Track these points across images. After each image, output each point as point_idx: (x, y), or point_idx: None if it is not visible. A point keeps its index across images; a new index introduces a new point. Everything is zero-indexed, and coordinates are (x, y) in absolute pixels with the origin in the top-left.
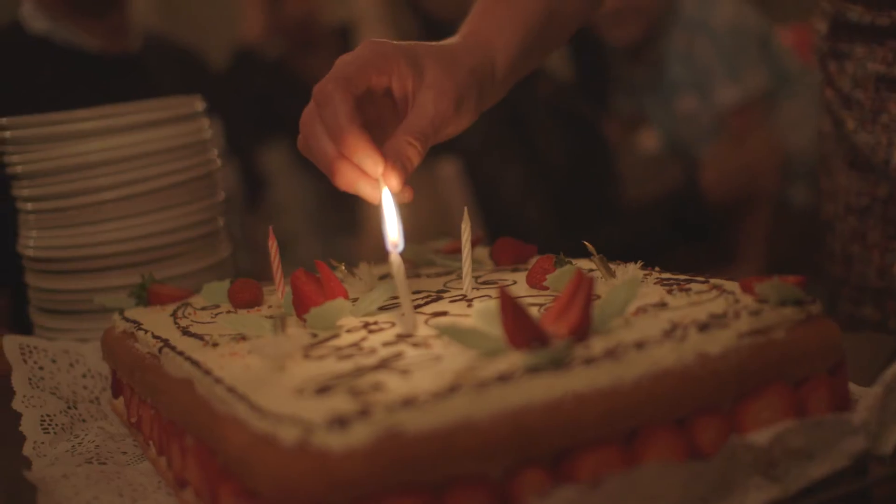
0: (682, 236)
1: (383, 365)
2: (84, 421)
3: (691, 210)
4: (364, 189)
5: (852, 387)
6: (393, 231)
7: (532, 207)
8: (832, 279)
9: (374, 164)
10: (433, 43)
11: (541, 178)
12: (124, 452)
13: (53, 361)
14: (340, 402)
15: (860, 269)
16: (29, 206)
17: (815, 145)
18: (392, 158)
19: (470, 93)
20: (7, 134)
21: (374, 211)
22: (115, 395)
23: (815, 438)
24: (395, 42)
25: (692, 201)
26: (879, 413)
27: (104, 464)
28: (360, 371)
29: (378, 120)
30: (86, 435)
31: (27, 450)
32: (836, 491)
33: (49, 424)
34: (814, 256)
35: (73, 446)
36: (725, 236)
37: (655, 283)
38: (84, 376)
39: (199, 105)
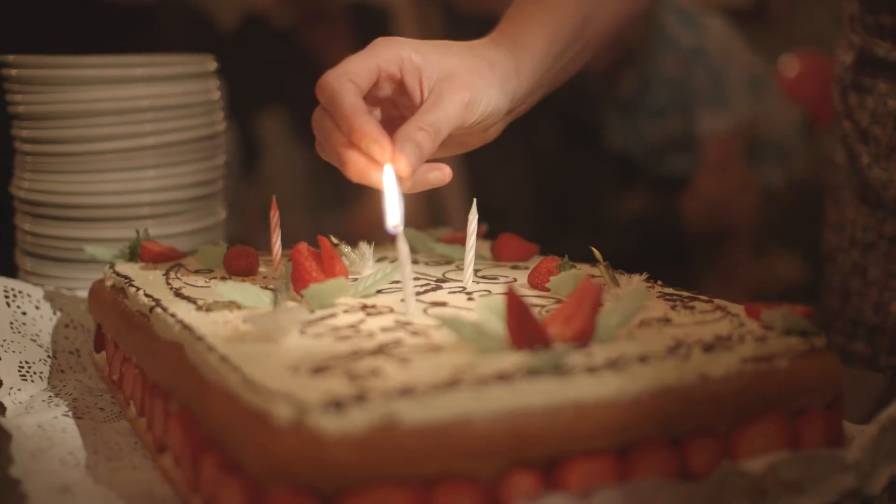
0: (655, 259)
1: (382, 350)
2: (63, 372)
3: (668, 235)
4: (374, 178)
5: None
6: (394, 214)
7: (525, 207)
8: (827, 311)
9: (380, 149)
10: (451, 41)
11: (536, 179)
12: (102, 409)
13: (37, 307)
14: (337, 385)
15: (856, 304)
16: (27, 147)
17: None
18: (400, 143)
19: (488, 86)
20: (13, 72)
21: (366, 190)
22: (98, 349)
23: (808, 472)
24: (406, 38)
25: (670, 226)
26: (872, 453)
27: (80, 418)
28: (357, 354)
29: (401, 120)
30: (63, 386)
31: (2, 395)
32: None
33: (27, 371)
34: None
35: (50, 397)
36: (699, 265)
37: (658, 297)
38: (67, 326)
39: (212, 65)
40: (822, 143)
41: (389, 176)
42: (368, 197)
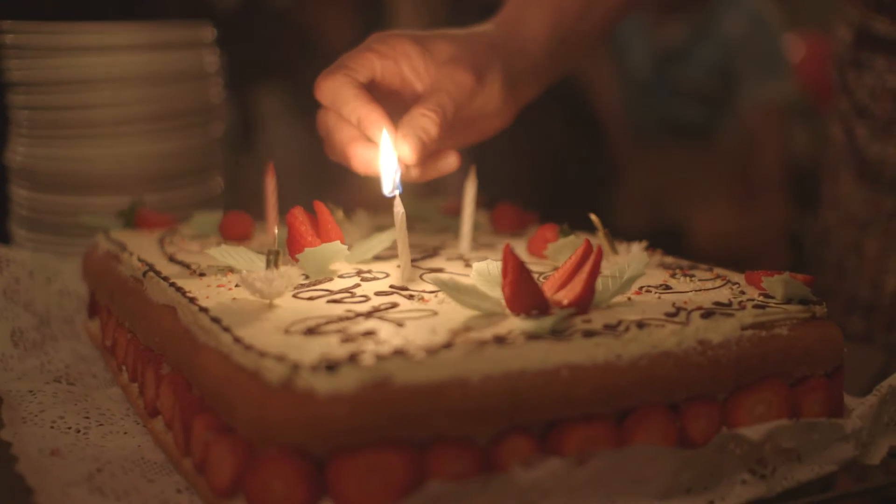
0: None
1: (376, 313)
2: (56, 339)
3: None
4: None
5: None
6: (388, 181)
7: (524, 177)
8: (822, 287)
9: (377, 129)
10: (450, 29)
11: (536, 155)
12: (94, 375)
13: (31, 275)
14: (330, 345)
15: (852, 281)
16: (23, 114)
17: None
18: (405, 130)
19: (492, 67)
20: (8, 38)
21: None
22: (91, 315)
23: (807, 440)
24: (402, 30)
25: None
26: (872, 423)
27: (73, 384)
28: (352, 317)
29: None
30: (56, 353)
31: None
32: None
33: (19, 339)
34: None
35: (43, 363)
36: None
37: (658, 266)
38: (60, 294)
39: (209, 34)
40: (824, 124)
41: (386, 143)
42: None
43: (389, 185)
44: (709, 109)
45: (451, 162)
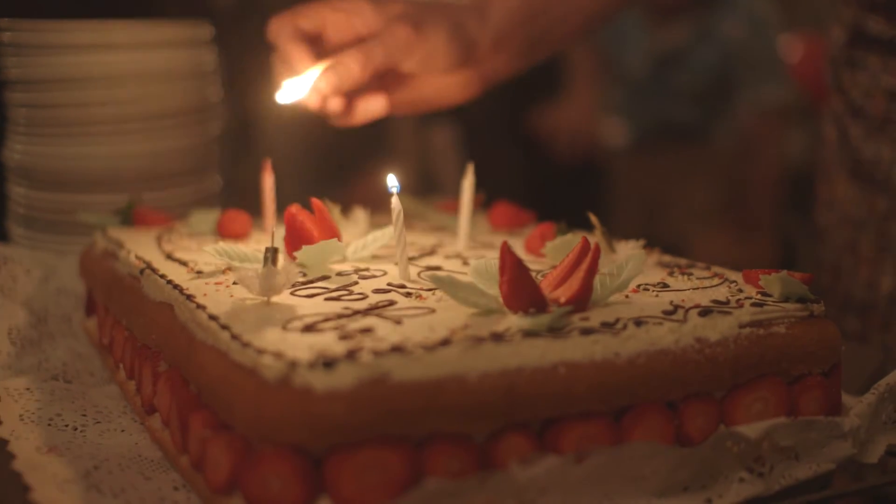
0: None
1: (374, 311)
2: (53, 337)
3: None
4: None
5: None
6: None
7: (522, 176)
8: (818, 288)
9: (299, 64)
10: None
11: (534, 156)
12: (91, 373)
13: (28, 273)
14: (327, 342)
15: (848, 281)
16: (21, 112)
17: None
18: (327, 65)
19: (436, 22)
20: (6, 36)
21: (365, 164)
22: (89, 314)
23: (805, 439)
24: None
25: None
26: (870, 421)
27: (70, 382)
28: (349, 314)
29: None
30: (53, 351)
31: None
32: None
33: (17, 337)
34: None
35: (40, 361)
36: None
37: (656, 265)
38: (57, 292)
39: (206, 32)
40: (820, 125)
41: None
42: (368, 171)
43: (287, 97)
44: (705, 111)
45: (377, 103)
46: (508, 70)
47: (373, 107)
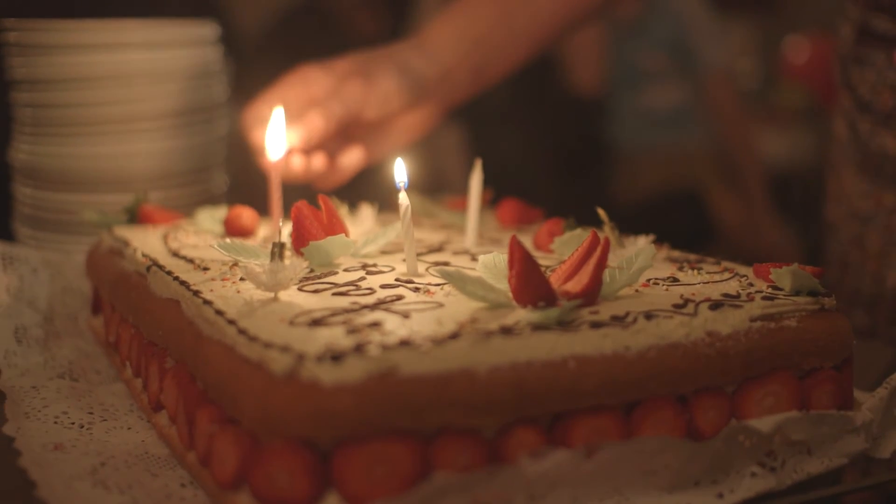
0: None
1: (382, 305)
2: (59, 336)
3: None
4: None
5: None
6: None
7: (532, 178)
8: (826, 282)
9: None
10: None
11: (544, 153)
12: (98, 371)
13: (34, 272)
14: (335, 336)
15: (856, 275)
16: (27, 112)
17: None
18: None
19: (383, 69)
20: (12, 36)
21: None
22: (95, 312)
23: (816, 433)
24: (318, 60)
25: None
26: (882, 416)
27: (76, 381)
28: (357, 308)
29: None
30: (60, 350)
31: None
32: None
33: (23, 336)
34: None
35: (46, 360)
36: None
37: (665, 260)
38: (64, 291)
39: (213, 32)
40: (828, 125)
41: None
42: (371, 170)
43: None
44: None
45: (355, 155)
46: (464, 95)
47: (352, 159)
